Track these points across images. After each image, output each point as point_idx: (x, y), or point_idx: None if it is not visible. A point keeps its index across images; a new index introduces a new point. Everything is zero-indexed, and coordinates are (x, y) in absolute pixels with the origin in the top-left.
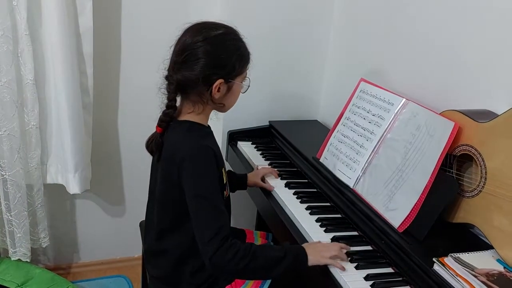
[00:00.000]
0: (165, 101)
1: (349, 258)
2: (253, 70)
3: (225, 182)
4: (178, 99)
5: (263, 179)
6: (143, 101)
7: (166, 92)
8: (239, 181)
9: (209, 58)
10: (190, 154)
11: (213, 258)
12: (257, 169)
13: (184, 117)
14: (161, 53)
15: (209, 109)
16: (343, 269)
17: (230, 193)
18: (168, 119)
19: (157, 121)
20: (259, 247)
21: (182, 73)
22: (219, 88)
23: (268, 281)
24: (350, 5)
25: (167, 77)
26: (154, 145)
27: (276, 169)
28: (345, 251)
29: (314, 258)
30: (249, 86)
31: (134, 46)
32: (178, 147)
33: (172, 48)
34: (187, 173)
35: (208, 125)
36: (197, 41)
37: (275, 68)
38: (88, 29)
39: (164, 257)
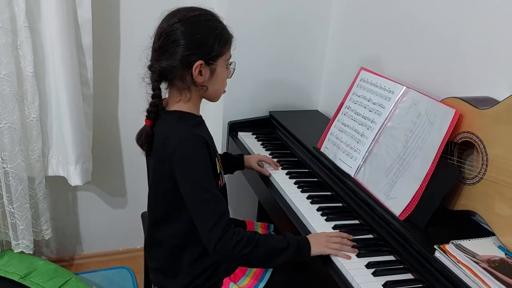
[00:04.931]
0: (150, 91)
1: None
2: (253, 61)
3: (218, 171)
4: (165, 89)
5: (260, 164)
6: (143, 92)
7: (150, 82)
8: (236, 161)
9: (186, 39)
10: (181, 144)
11: (217, 246)
12: (259, 155)
13: (173, 107)
14: None
15: (196, 96)
16: (348, 257)
17: (230, 175)
18: (155, 109)
19: (142, 112)
20: (262, 236)
21: (162, 59)
22: (200, 71)
23: (269, 273)
24: None
25: (149, 67)
26: (144, 138)
27: (276, 159)
28: (348, 241)
29: (316, 249)
30: (234, 69)
31: (133, 38)
32: (168, 137)
33: (152, 38)
34: (180, 163)
35: (200, 115)
36: (173, 23)
37: (275, 58)
38: (87, 21)
39: (159, 248)
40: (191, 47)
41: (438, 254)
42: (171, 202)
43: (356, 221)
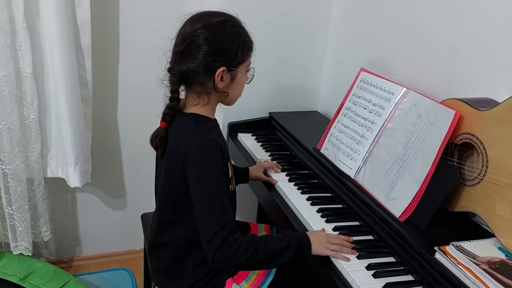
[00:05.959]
0: (168, 94)
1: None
2: (252, 61)
3: (230, 176)
4: (182, 92)
5: (265, 173)
6: (142, 93)
7: (169, 85)
8: (240, 175)
9: (210, 45)
10: (196, 149)
11: (215, 255)
12: (259, 162)
13: (190, 109)
14: (159, 46)
15: (214, 100)
16: (348, 260)
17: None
18: (172, 112)
19: (158, 114)
20: (261, 239)
21: (183, 63)
22: (222, 77)
23: (272, 275)
24: None
25: (169, 69)
26: (158, 139)
27: (276, 161)
28: (348, 243)
29: (317, 248)
30: (253, 75)
31: (132, 38)
32: (183, 140)
33: (174, 40)
34: (193, 168)
35: (215, 118)
36: (197, 28)
37: (275, 59)
38: (86, 21)
39: (165, 249)
40: (214, 53)
41: (438, 256)
42: (181, 204)
43: (356, 223)
